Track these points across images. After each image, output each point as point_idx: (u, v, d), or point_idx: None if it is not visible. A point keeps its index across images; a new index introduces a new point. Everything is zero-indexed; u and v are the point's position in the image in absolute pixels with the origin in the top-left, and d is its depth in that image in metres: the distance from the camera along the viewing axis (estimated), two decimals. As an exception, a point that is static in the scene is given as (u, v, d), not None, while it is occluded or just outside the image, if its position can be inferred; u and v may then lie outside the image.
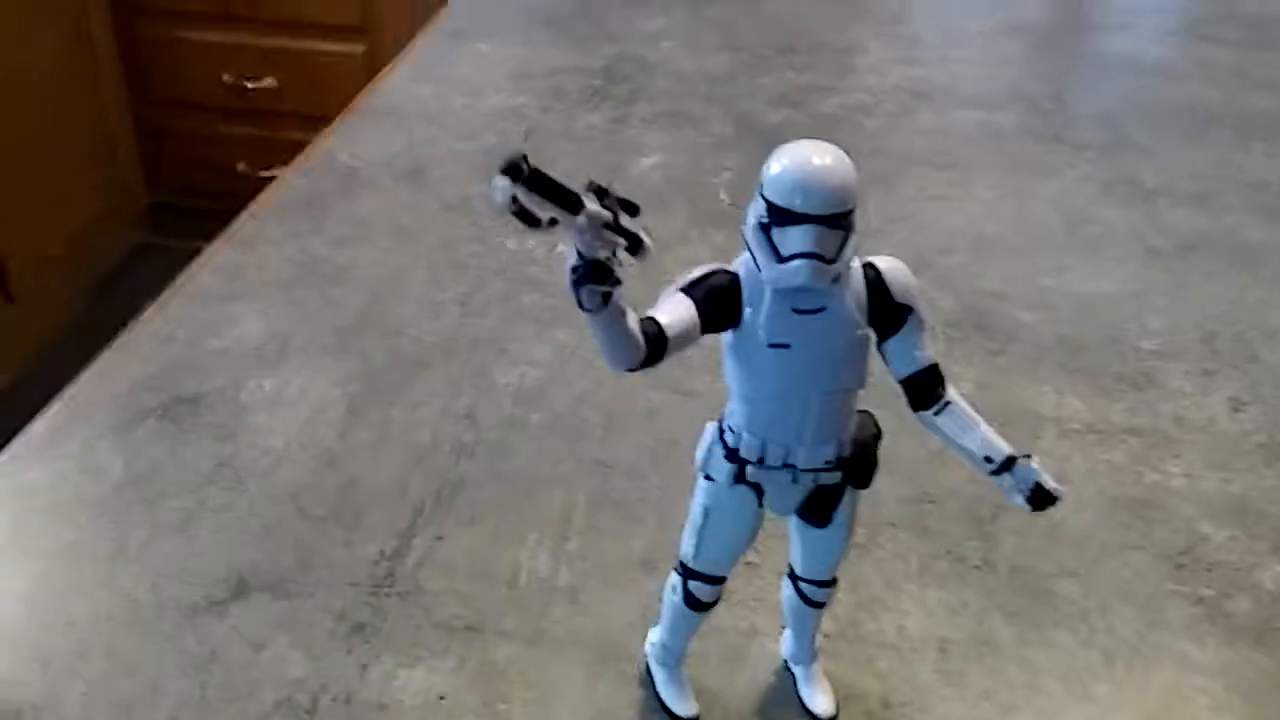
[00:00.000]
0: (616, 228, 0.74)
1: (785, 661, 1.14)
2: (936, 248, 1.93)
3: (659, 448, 1.45)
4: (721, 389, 1.50)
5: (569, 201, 0.71)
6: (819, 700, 1.09)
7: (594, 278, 0.74)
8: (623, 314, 0.78)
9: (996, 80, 2.74)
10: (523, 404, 1.53)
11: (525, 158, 0.68)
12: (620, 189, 0.75)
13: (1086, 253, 1.98)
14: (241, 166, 3.94)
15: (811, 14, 2.98)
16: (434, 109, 2.49)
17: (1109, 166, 2.29)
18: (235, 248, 1.90)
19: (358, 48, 3.85)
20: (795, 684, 1.12)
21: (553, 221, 0.71)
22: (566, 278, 0.76)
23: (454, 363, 1.61)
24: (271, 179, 2.17)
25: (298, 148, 2.27)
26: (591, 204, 0.73)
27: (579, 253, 0.74)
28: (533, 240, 1.96)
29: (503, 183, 0.68)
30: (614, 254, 0.75)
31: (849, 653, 1.16)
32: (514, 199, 0.68)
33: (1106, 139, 2.41)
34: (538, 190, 0.70)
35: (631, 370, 0.83)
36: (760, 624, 1.19)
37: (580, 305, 0.76)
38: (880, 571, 1.26)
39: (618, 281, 0.75)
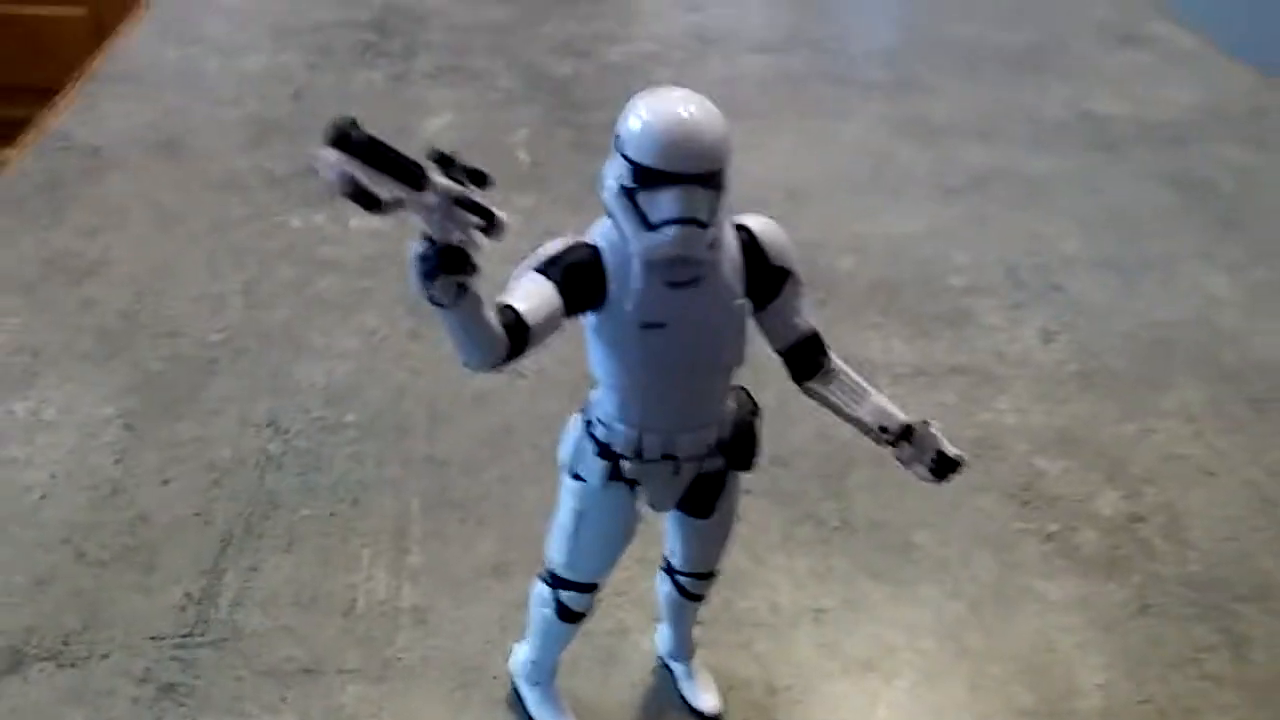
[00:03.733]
0: (468, 204, 0.62)
1: (661, 658, 1.06)
2: (749, 200, 1.86)
3: (493, 437, 1.33)
4: (553, 368, 1.39)
5: (412, 175, 0.58)
6: (703, 698, 1.01)
7: (450, 267, 0.61)
8: (480, 305, 0.66)
9: (778, 24, 2.73)
10: (333, 403, 1.36)
11: (355, 123, 0.55)
12: (466, 158, 0.63)
13: (890, 194, 1.99)
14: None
15: (589, -41, 2.87)
16: (185, 73, 2.21)
17: (898, 105, 2.32)
18: (-43, 247, 1.61)
19: (79, 10, 3.42)
20: (675, 681, 1.04)
21: (397, 202, 0.57)
22: (413, 270, 0.63)
23: (246, 363, 1.42)
24: (-7, 163, 1.87)
25: (21, 126, 1.96)
26: (438, 177, 0.60)
27: (427, 238, 0.62)
28: (320, 215, 1.77)
29: (332, 157, 0.54)
30: (468, 235, 0.62)
31: (725, 638, 1.10)
32: (348, 177, 0.54)
33: (892, 77, 2.44)
34: (374, 163, 0.56)
35: (493, 368, 0.71)
36: (629, 620, 1.10)
37: (432, 300, 0.63)
38: (744, 546, 1.20)
39: (475, 269, 0.63)
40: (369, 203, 0.56)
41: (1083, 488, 1.33)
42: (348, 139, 0.54)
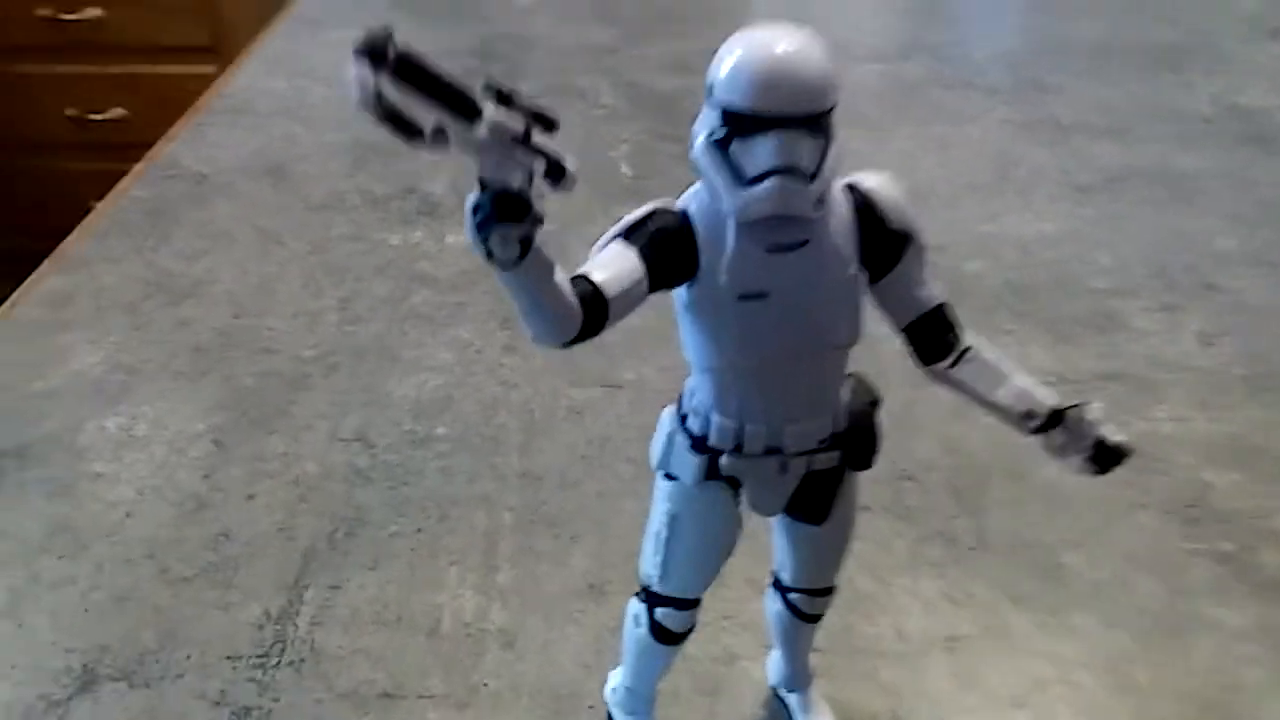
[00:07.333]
0: (529, 145, 0.53)
1: (774, 688, 0.94)
2: (863, 202, 1.77)
3: (590, 450, 1.24)
4: (652, 377, 1.30)
5: (462, 103, 0.50)
6: (822, 732, 0.90)
7: (507, 214, 0.53)
8: (549, 267, 0.57)
9: (894, 32, 2.61)
10: (424, 417, 1.30)
11: (391, 36, 0.47)
12: (528, 94, 0.54)
13: (1017, 195, 1.85)
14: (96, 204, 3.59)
15: (692, -23, 2.82)
16: (291, 103, 2.22)
17: (1023, 107, 2.17)
18: (63, 271, 1.62)
19: (209, 68, 3.56)
20: (789, 714, 0.92)
21: (440, 133, 0.49)
22: (468, 221, 0.54)
23: (338, 378, 1.37)
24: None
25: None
26: (494, 111, 0.52)
27: (482, 182, 0.53)
28: (418, 232, 1.73)
29: (361, 70, 0.46)
30: (530, 181, 0.54)
31: (846, 667, 0.98)
32: (379, 96, 0.46)
33: (1015, 80, 2.30)
34: (413, 83, 0.48)
35: (565, 345, 0.62)
36: (737, 646, 0.99)
37: (489, 256, 0.55)
38: (865, 566, 1.08)
39: (539, 219, 0.54)
40: (407, 131, 0.48)
41: (1260, 502, 1.16)
42: (383, 54, 0.46)
